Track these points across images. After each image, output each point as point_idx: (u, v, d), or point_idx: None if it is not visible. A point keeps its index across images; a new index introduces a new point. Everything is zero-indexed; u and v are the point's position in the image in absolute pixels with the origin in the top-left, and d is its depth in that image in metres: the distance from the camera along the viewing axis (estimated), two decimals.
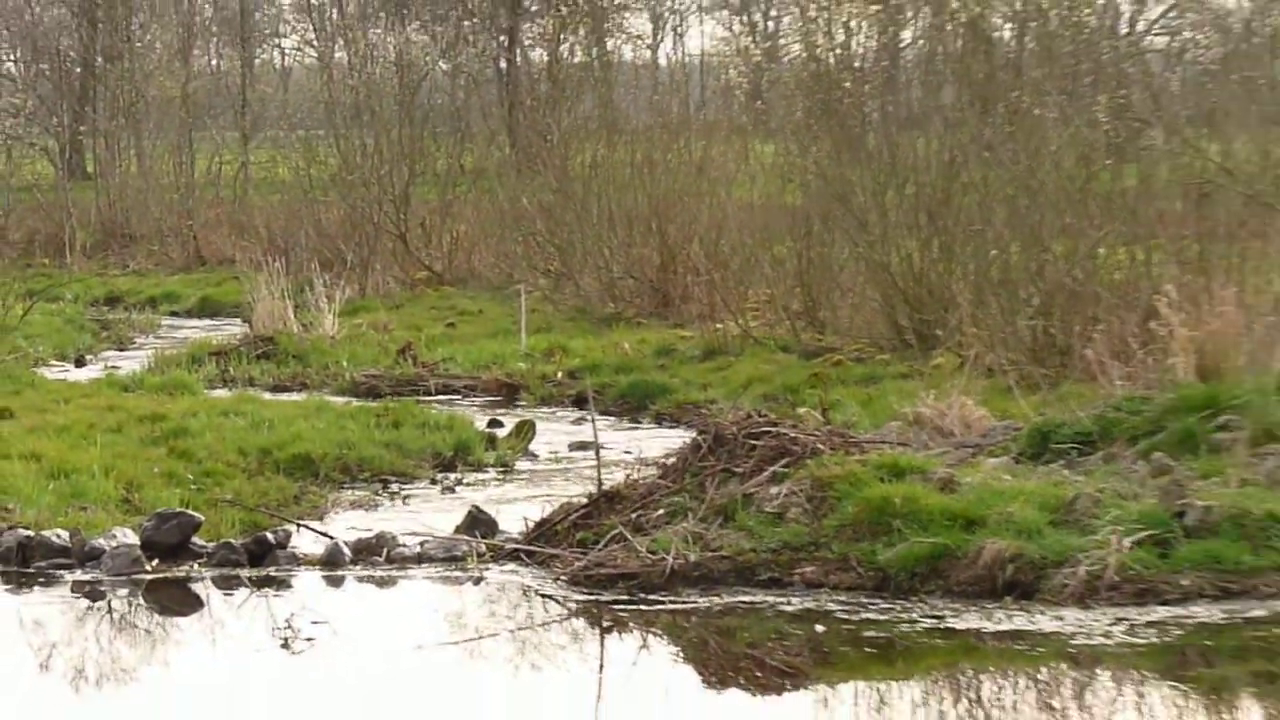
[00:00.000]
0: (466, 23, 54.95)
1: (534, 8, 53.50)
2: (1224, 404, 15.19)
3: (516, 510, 15.80)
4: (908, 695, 10.95)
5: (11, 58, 65.62)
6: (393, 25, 51.50)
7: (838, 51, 25.85)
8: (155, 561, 14.04)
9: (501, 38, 55.07)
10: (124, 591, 13.64)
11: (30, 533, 14.46)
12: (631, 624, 12.72)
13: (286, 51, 73.01)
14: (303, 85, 58.98)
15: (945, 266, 22.58)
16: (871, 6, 25.03)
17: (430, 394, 24.56)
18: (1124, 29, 28.84)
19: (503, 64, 54.16)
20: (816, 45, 25.97)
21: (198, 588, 13.85)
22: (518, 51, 54.28)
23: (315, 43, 60.76)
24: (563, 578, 13.49)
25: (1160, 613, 11.75)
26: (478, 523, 15.10)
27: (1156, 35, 30.22)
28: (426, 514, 16.33)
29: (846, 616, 12.13)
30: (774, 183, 28.22)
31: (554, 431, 21.45)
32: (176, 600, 13.85)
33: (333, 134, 37.38)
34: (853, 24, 25.94)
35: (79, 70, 57.87)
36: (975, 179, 22.72)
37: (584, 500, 15.13)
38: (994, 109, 22.90)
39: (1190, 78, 25.77)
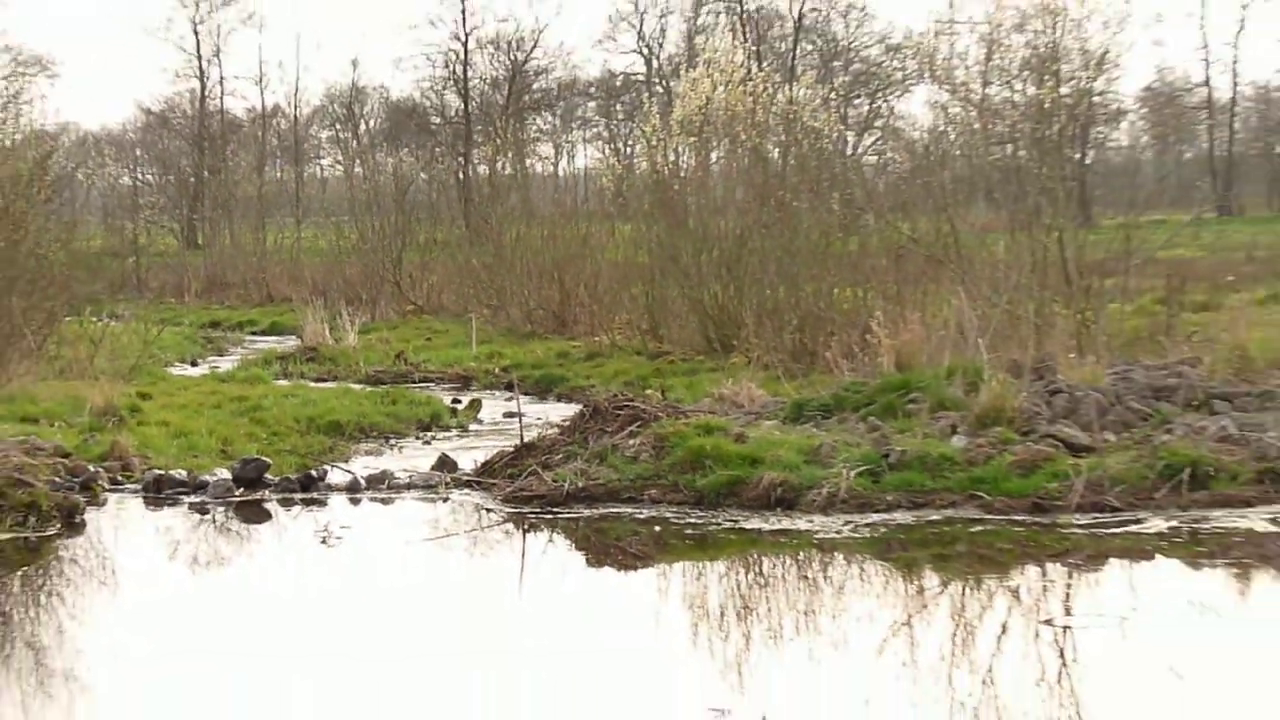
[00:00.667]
0: (437, 149, 62.06)
1: (479, 139, 59.10)
2: (913, 386, 15.18)
3: (470, 455, 16.06)
4: (715, 569, 11.46)
5: (150, 171, 74.24)
6: (391, 150, 59.40)
7: (670, 165, 27.48)
8: (241, 490, 14.33)
9: (459, 158, 61.86)
10: (221, 509, 13.92)
11: (161, 471, 14.81)
12: (542, 527, 12.83)
13: (324, 167, 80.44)
14: (334, 188, 65.45)
15: (738, 301, 23.44)
16: (690, 138, 24.47)
17: (415, 383, 25.02)
18: (849, 151, 30.52)
19: (460, 174, 58.92)
20: (657, 162, 27.57)
21: (268, 506, 13.99)
22: (470, 166, 59.05)
23: (341, 161, 67.11)
24: (499, 498, 13.85)
25: (874, 518, 11.90)
26: (445, 463, 15.35)
27: (869, 155, 30.88)
28: (413, 458, 16.92)
29: (677, 521, 12.28)
30: (630, 249, 30.77)
31: (493, 406, 21.48)
32: (254, 514, 14.01)
33: (353, 219, 42.49)
34: (680, 148, 25.75)
35: (192, 180, 67.08)
36: (756, 246, 23.76)
37: (512, 449, 15.28)
38: (768, 202, 24.10)
39: (890, 181, 26.51)
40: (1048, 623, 9.15)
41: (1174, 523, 11.64)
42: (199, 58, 66.15)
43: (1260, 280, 26.67)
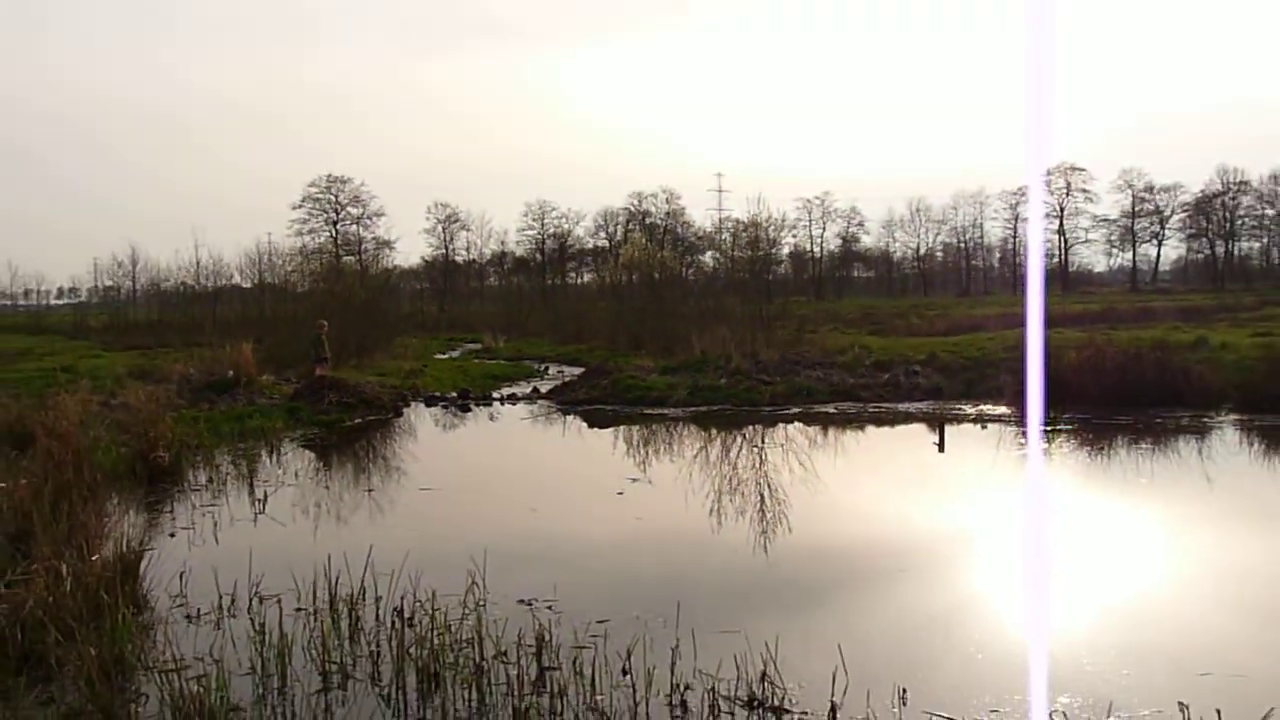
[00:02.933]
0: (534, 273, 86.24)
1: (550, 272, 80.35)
2: (708, 361, 24.42)
3: (545, 387, 24.26)
4: (634, 428, 18.58)
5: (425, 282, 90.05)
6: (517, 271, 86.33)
7: (619, 280, 37.94)
8: (461, 402, 22.36)
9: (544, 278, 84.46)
10: (454, 407, 21.91)
11: (437, 393, 22.88)
12: (571, 413, 20.41)
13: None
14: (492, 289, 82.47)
15: (643, 329, 31.96)
16: (625, 270, 35.81)
17: (525, 359, 34.67)
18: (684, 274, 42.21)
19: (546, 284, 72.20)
20: (611, 279, 37.94)
21: (470, 406, 21.94)
22: (549, 281, 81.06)
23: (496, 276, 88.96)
24: (555, 403, 21.81)
25: (693, 409, 19.87)
26: (535, 391, 23.35)
27: (691, 275, 44.34)
28: (524, 389, 24.62)
29: (620, 410, 20.15)
30: (605, 312, 39.46)
31: (555, 370, 30.88)
32: (465, 408, 21.73)
33: (504, 300, 64.79)
34: (621, 275, 37.97)
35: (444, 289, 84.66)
36: (650, 310, 33.09)
37: (560, 385, 23.88)
38: (654, 293, 33.46)
39: (699, 285, 37.53)
40: (757, 445, 16.41)
41: (800, 410, 19.57)
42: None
43: (831, 321, 39.98)
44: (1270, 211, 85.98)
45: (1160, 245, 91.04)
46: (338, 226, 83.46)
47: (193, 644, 6.60)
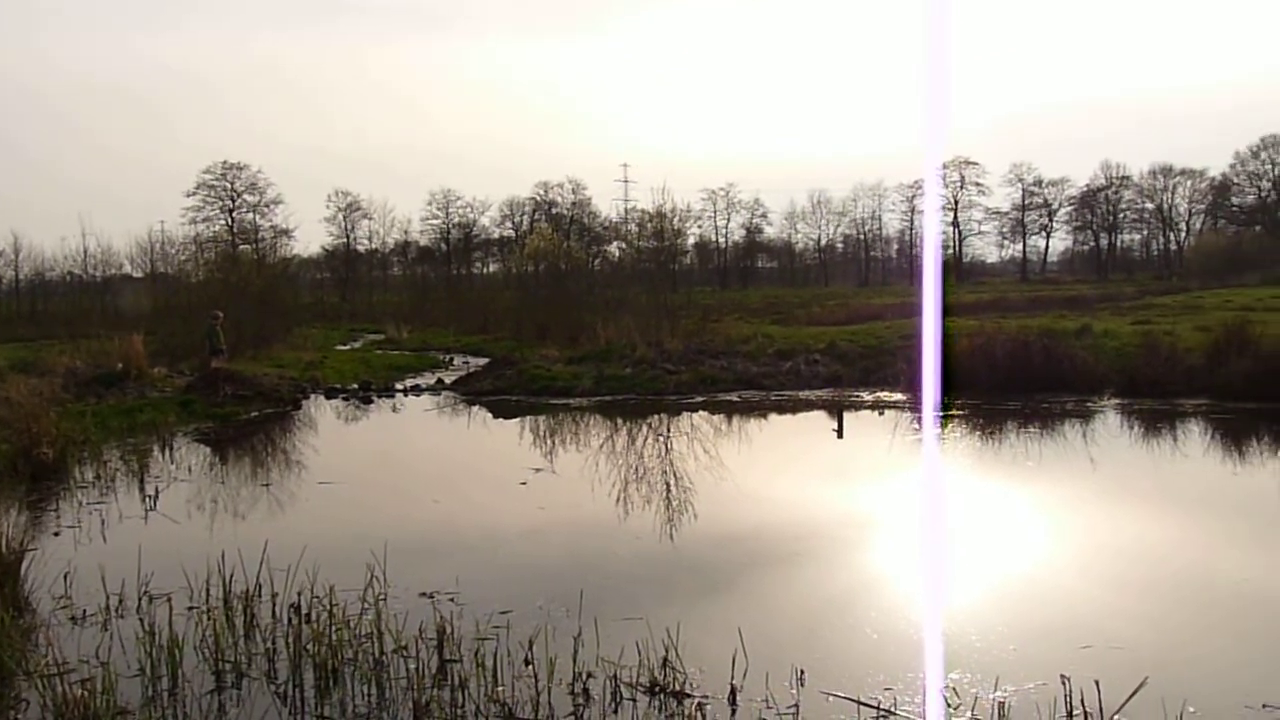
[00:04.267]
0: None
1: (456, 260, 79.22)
2: (612, 351, 24.55)
3: (450, 377, 23.99)
4: (539, 418, 18.45)
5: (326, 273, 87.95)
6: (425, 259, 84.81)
7: (523, 268, 37.49)
8: (363, 393, 22.04)
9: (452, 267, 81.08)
10: (353, 399, 21.53)
11: (337, 385, 22.52)
12: (475, 404, 20.26)
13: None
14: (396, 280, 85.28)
15: (550, 318, 31.96)
16: (530, 260, 35.64)
17: (430, 350, 34.06)
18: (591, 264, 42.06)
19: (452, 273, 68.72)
20: (513, 268, 37.14)
21: (371, 398, 21.65)
22: (455, 269, 75.20)
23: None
24: (460, 394, 21.59)
25: (598, 399, 19.92)
26: (439, 381, 23.12)
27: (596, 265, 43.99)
28: (428, 380, 24.35)
29: (525, 400, 20.21)
30: (510, 300, 39.36)
31: (459, 361, 30.49)
32: (366, 401, 21.44)
33: (410, 289, 64.17)
34: (526, 264, 37.70)
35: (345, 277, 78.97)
36: (555, 299, 33.04)
37: (464, 375, 23.62)
38: (560, 282, 33.64)
39: (604, 276, 37.43)
40: (662, 434, 16.39)
41: (704, 399, 19.86)
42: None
43: (736, 311, 41.06)
44: (1150, 206, 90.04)
45: (1048, 237, 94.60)
46: (234, 215, 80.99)
47: (77, 647, 6.35)
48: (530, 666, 5.81)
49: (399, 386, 23.18)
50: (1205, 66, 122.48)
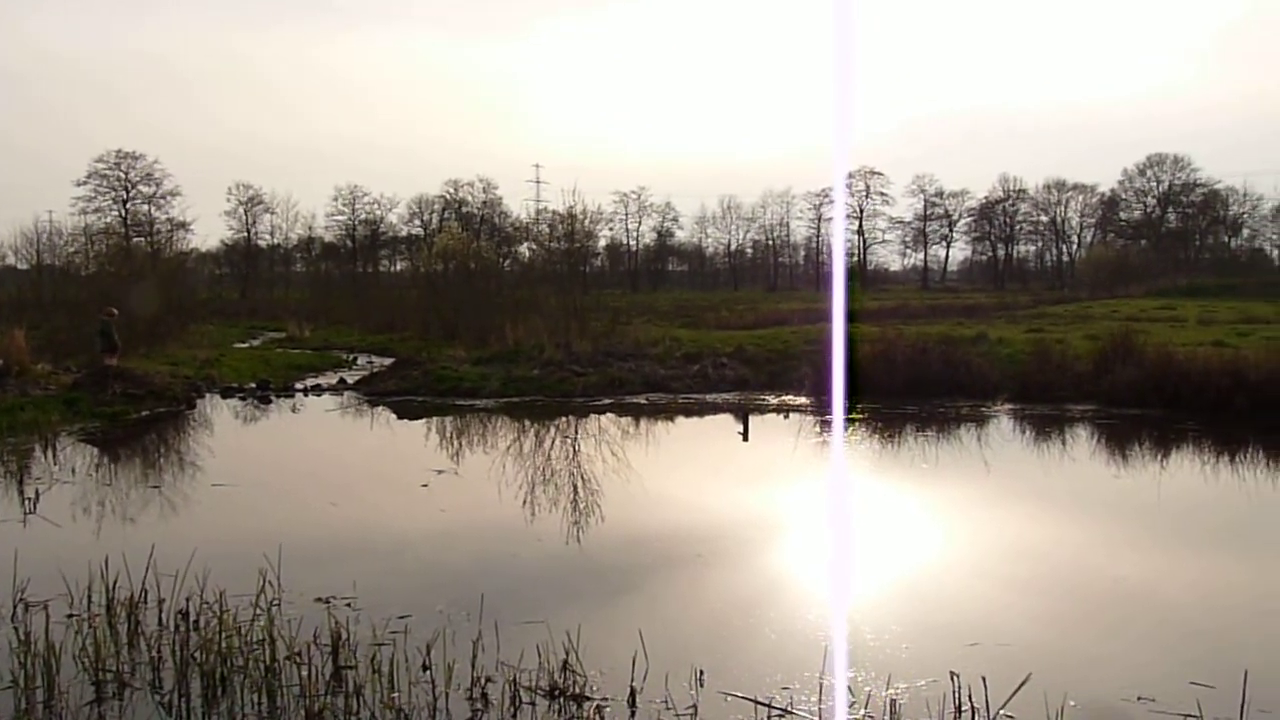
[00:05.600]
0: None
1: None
2: (521, 352, 24.08)
3: (352, 377, 23.60)
4: (445, 418, 18.18)
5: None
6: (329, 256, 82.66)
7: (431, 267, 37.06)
8: (261, 393, 21.42)
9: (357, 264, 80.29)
10: (251, 399, 20.96)
11: (234, 384, 21.87)
12: (379, 405, 19.93)
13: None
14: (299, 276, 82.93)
15: (458, 318, 31.69)
16: (439, 260, 35.27)
17: (334, 349, 33.43)
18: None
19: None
20: (421, 266, 37.08)
21: (270, 398, 21.06)
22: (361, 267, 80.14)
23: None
24: (363, 394, 21.25)
25: (505, 400, 19.70)
26: (342, 381, 22.71)
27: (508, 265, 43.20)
28: (330, 379, 23.89)
29: (431, 401, 19.91)
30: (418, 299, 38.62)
31: (364, 359, 30.05)
32: (265, 401, 20.87)
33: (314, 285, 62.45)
34: (435, 263, 37.28)
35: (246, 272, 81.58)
36: (465, 299, 32.59)
37: (368, 375, 23.25)
38: (469, 282, 33.30)
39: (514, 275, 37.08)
40: (570, 440, 16.51)
41: (612, 401, 19.75)
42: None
43: (646, 313, 41.30)
44: (1044, 219, 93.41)
45: (949, 247, 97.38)
46: (127, 206, 77.95)
47: None
48: (428, 672, 5.72)
49: (299, 386, 22.68)
50: (1096, 84, 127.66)
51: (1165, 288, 60.92)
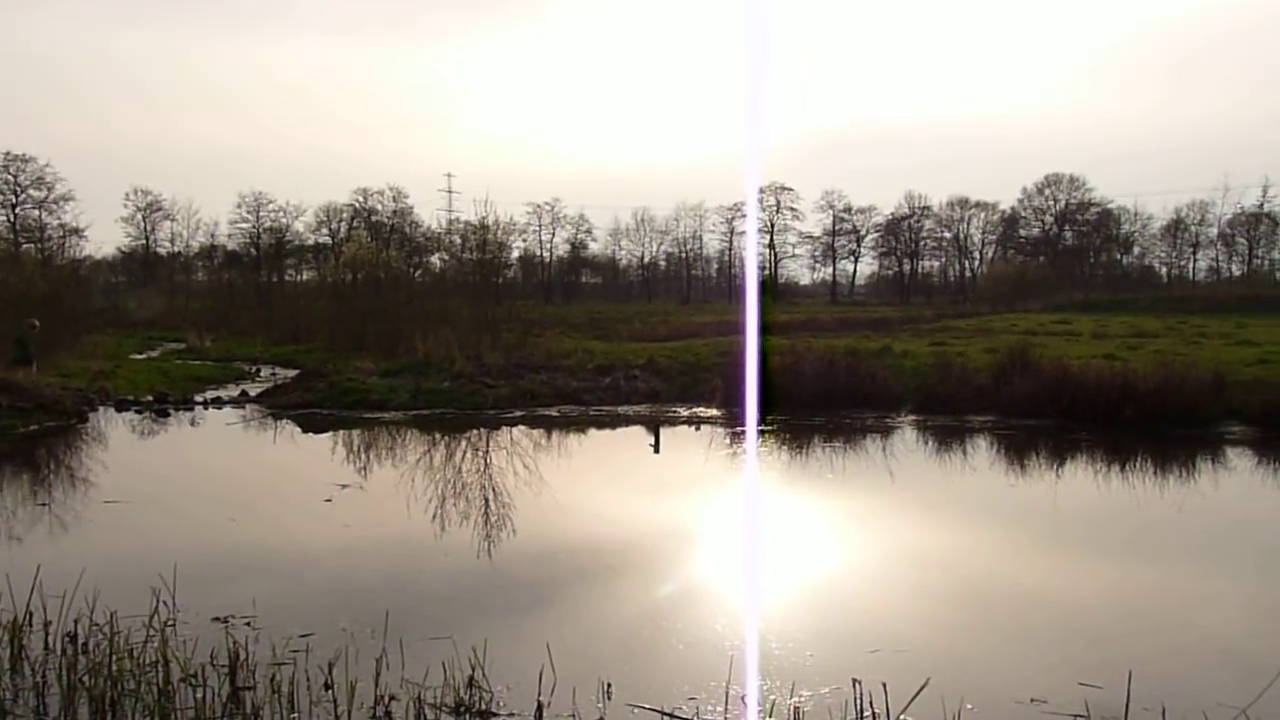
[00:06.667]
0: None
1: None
2: (430, 363, 24.03)
3: (254, 389, 23.13)
4: (352, 431, 17.88)
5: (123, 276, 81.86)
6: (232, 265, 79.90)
7: (340, 278, 36.44)
8: (158, 406, 20.79)
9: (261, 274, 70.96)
10: (148, 412, 20.33)
11: (124, 397, 21.16)
12: (283, 418, 19.50)
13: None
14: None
15: (365, 329, 31.26)
16: (346, 270, 34.78)
17: (235, 360, 32.48)
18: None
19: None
20: (328, 276, 36.17)
21: (169, 411, 20.47)
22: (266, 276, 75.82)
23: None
24: (265, 407, 20.75)
25: (414, 413, 19.48)
26: (244, 394, 22.21)
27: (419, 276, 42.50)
28: (232, 391, 23.35)
29: (337, 415, 19.56)
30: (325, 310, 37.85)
31: (268, 371, 29.69)
32: (163, 414, 20.29)
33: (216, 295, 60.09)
34: (343, 273, 36.90)
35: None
36: (374, 309, 32.19)
37: (271, 387, 22.88)
38: (378, 292, 32.90)
39: (424, 286, 37.31)
40: (481, 453, 16.31)
41: (523, 413, 19.70)
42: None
43: (559, 325, 41.69)
44: (948, 235, 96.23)
45: (856, 261, 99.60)
46: (16, 211, 74.73)
47: None
48: (330, 691, 5.62)
49: (199, 399, 22.05)
50: (997, 103, 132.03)
51: (1062, 303, 63.21)
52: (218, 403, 21.70)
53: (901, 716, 5.29)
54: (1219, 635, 6.96)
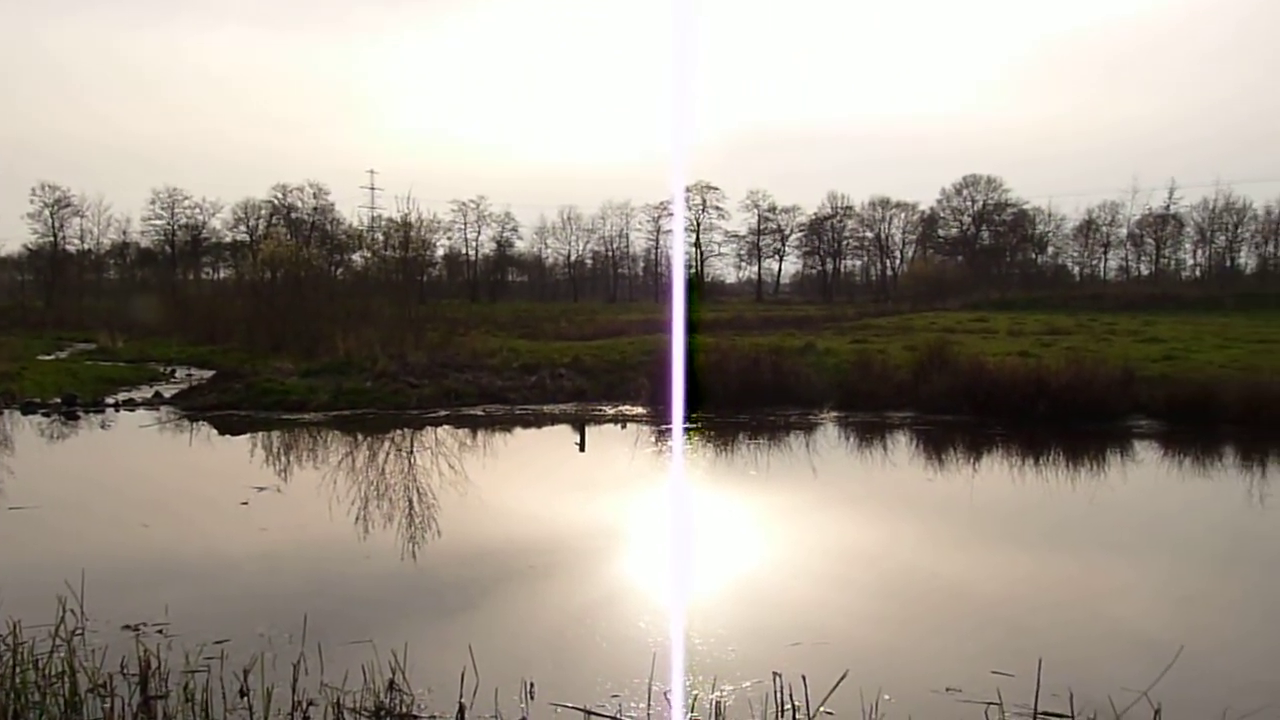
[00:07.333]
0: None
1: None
2: (352, 363, 23.77)
3: (169, 391, 22.48)
4: (271, 433, 17.52)
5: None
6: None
7: (258, 276, 35.71)
8: (67, 408, 20.16)
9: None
10: (57, 415, 19.71)
11: (36, 399, 20.58)
12: (198, 420, 19.01)
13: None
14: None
15: (284, 329, 30.65)
16: (265, 268, 34.05)
17: (149, 361, 31.61)
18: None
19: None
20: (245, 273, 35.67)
21: (79, 413, 19.82)
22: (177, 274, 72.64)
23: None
24: (180, 409, 20.15)
25: (334, 414, 19.16)
26: (158, 395, 21.59)
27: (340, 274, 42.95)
28: (145, 393, 22.61)
29: (255, 416, 19.19)
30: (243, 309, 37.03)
31: (183, 372, 28.55)
32: (72, 417, 19.60)
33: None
34: (262, 271, 36.17)
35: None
36: (293, 308, 31.36)
37: (186, 389, 22.21)
38: (298, 290, 32.27)
39: (346, 284, 38.03)
40: (405, 453, 16.35)
41: (448, 413, 19.47)
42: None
43: (485, 324, 41.81)
44: (870, 234, 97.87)
45: (781, 260, 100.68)
46: None
47: None
48: (246, 698, 5.51)
49: (110, 401, 21.37)
50: (918, 106, 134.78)
51: (979, 301, 64.69)
52: (130, 405, 21.04)
53: (822, 709, 5.35)
54: (1127, 623, 7.21)
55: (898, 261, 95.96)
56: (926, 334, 31.67)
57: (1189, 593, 7.98)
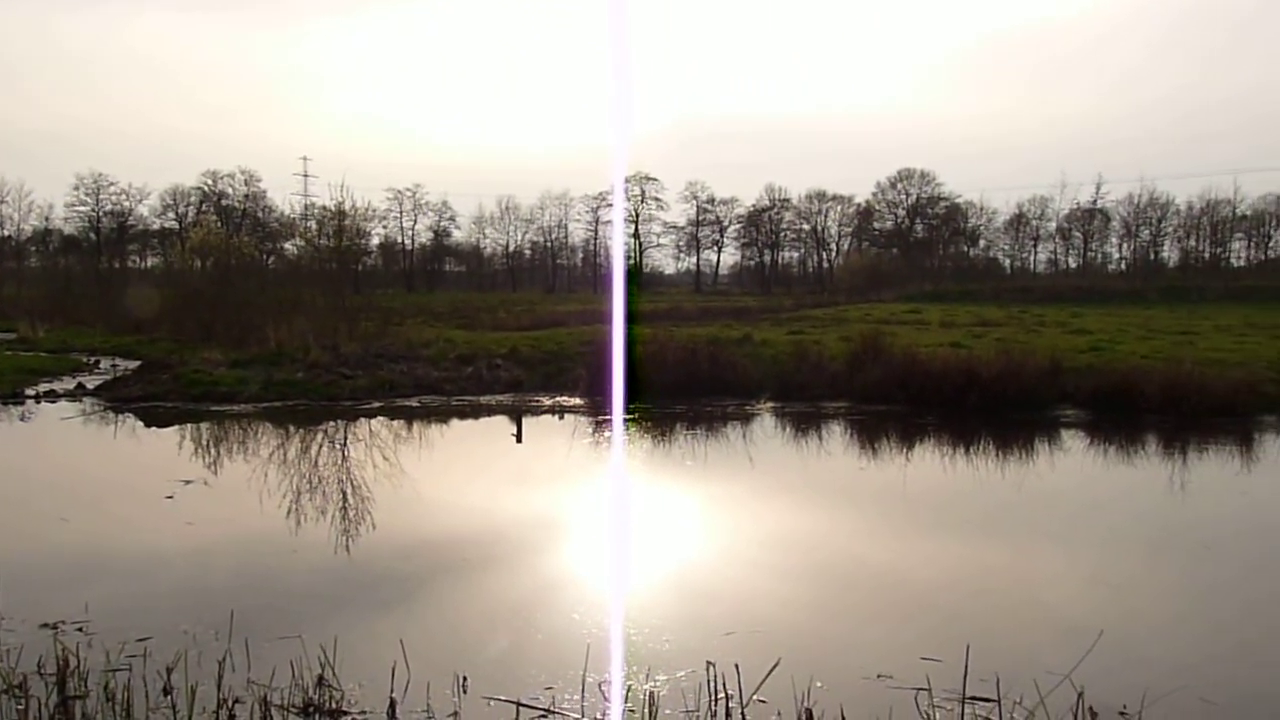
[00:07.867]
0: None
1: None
2: (283, 354, 23.17)
3: (94, 382, 22.05)
4: (201, 425, 17.17)
5: None
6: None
7: (187, 264, 35.07)
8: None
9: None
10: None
11: None
12: (124, 411, 18.56)
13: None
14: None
15: (214, 319, 30.13)
16: (194, 257, 33.40)
17: (73, 351, 30.79)
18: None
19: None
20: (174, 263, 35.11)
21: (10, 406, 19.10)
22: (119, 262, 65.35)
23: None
24: (105, 400, 19.73)
25: (265, 405, 18.82)
26: (81, 386, 21.15)
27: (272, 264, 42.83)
28: (68, 384, 22.10)
29: (183, 408, 18.78)
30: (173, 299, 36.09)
31: (108, 363, 27.77)
32: (8, 407, 18.91)
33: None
34: (191, 260, 35.36)
35: None
36: (224, 298, 30.93)
37: (111, 379, 21.77)
38: (227, 279, 31.77)
39: (280, 272, 37.31)
40: (339, 445, 16.30)
41: (382, 404, 19.31)
42: None
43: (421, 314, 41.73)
44: (807, 227, 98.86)
45: (719, 252, 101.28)
46: None
47: None
48: (169, 696, 5.37)
49: (31, 392, 20.76)
50: (855, 100, 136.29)
51: (913, 293, 65.79)
52: (51, 396, 20.50)
53: (755, 697, 5.38)
54: (1054, 608, 7.36)
55: (834, 254, 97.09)
56: (861, 325, 32.01)
57: (1114, 578, 8.17)
